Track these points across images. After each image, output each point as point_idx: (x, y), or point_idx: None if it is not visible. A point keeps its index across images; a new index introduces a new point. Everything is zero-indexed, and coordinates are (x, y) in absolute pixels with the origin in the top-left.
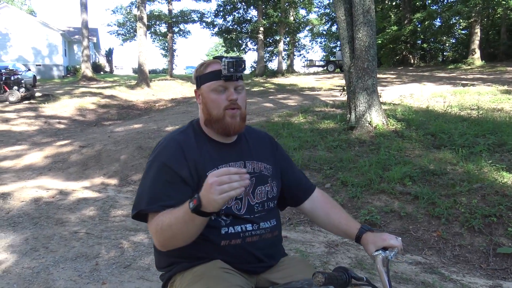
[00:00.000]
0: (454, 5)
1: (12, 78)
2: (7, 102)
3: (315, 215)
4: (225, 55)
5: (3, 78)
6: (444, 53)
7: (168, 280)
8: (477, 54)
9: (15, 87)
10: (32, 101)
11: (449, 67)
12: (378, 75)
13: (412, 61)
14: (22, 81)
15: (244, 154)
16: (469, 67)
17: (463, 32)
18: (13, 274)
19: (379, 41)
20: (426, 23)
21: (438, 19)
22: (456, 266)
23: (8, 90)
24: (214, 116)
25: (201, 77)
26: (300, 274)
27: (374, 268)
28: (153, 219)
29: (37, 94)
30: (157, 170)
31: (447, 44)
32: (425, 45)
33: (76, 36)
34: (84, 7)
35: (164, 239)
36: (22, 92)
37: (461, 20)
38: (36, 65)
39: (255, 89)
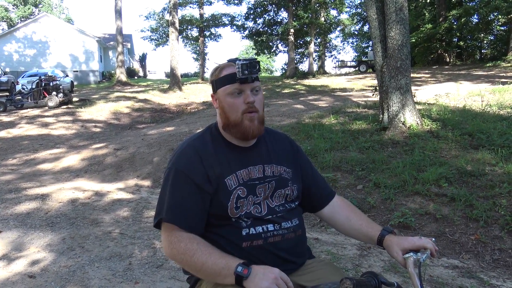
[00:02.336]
0: (492, 1)
1: (51, 84)
2: (47, 107)
3: (335, 219)
4: (239, 57)
5: (43, 84)
6: (482, 51)
7: (195, 283)
8: None
9: (54, 93)
10: (69, 106)
11: (487, 65)
12: (412, 75)
13: (447, 59)
14: (60, 87)
15: (263, 158)
16: (508, 64)
17: (502, 28)
18: (50, 272)
19: (413, 40)
20: (463, 20)
21: (475, 16)
22: (495, 271)
23: (47, 96)
24: (232, 121)
25: (217, 81)
26: (328, 278)
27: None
28: (175, 232)
29: (75, 99)
30: (174, 178)
31: (485, 41)
32: (461, 43)
33: (111, 42)
34: (118, 14)
35: (184, 264)
36: (60, 97)
37: (499, 16)
38: (74, 71)
39: (286, 91)
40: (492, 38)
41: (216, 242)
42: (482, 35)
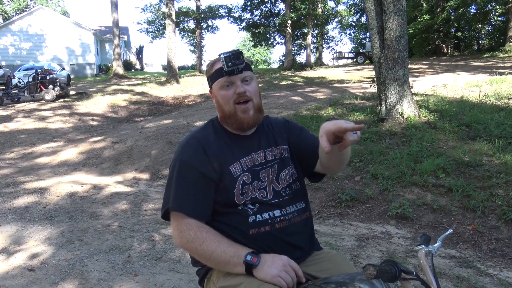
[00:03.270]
0: None
1: (48, 78)
2: (43, 101)
3: (333, 154)
4: (224, 51)
5: (39, 77)
6: (480, 42)
7: (205, 275)
8: None
9: (51, 86)
10: (66, 99)
11: (485, 55)
12: (409, 66)
13: (445, 50)
14: (57, 80)
15: (263, 144)
16: (506, 55)
17: (500, 19)
18: (50, 266)
19: (411, 31)
20: (460, 10)
21: (473, 6)
22: (492, 260)
23: (44, 89)
24: (227, 112)
25: (210, 77)
26: (338, 269)
27: (407, 262)
28: (185, 220)
29: (71, 92)
30: (179, 169)
31: (482, 32)
32: (459, 34)
33: (108, 35)
34: (114, 6)
35: (193, 252)
36: (57, 91)
37: (497, 6)
38: (70, 64)
39: (283, 83)
40: (489, 28)
41: (224, 230)
42: (479, 25)
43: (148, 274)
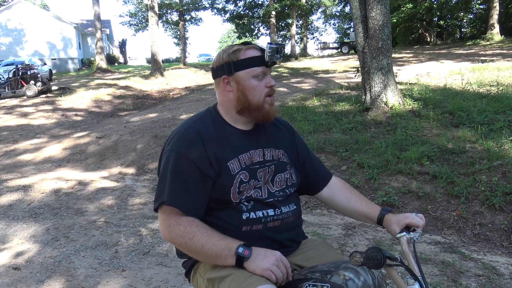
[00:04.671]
0: None
1: (29, 73)
2: (25, 97)
3: (334, 200)
4: (269, 41)
5: (20, 73)
6: (462, 30)
7: (192, 266)
8: (496, 29)
9: (32, 82)
10: (49, 94)
11: (467, 43)
12: (393, 55)
13: (428, 39)
14: (39, 76)
15: (262, 142)
16: (488, 42)
17: (481, 7)
18: (36, 264)
19: (394, 20)
20: None
21: None
22: (476, 245)
23: (25, 85)
24: (255, 104)
25: (237, 63)
26: (322, 256)
27: (393, 249)
28: (174, 215)
29: (54, 87)
30: (175, 161)
31: (464, 20)
32: (441, 22)
33: (89, 29)
34: None
35: (183, 247)
36: (39, 86)
37: None
38: (52, 59)
39: None
40: (471, 17)
41: (216, 225)
42: (461, 14)
43: (136, 269)
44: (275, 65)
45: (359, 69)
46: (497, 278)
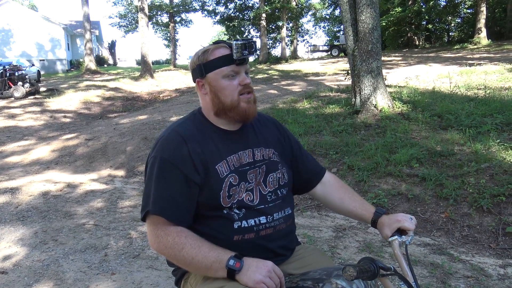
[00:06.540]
0: None
1: (17, 74)
2: (13, 98)
3: (328, 200)
4: (224, 39)
5: (8, 74)
6: (450, 34)
7: (182, 276)
8: (483, 33)
9: (20, 83)
10: (37, 96)
11: (455, 47)
12: (383, 58)
13: (417, 42)
14: (27, 77)
15: (251, 142)
16: (475, 46)
17: (469, 11)
18: (23, 267)
19: (383, 23)
20: (431, 3)
21: None
22: (465, 247)
23: (13, 86)
24: (229, 104)
25: (207, 64)
26: (315, 264)
27: (383, 251)
28: (162, 226)
29: (42, 89)
30: (159, 168)
31: (452, 24)
32: (430, 26)
33: (78, 30)
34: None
35: (172, 258)
36: (27, 87)
37: None
38: (40, 60)
39: (259, 76)
40: (459, 21)
41: (206, 234)
42: (449, 18)
43: (126, 273)
44: (266, 67)
45: (349, 71)
46: (485, 280)
